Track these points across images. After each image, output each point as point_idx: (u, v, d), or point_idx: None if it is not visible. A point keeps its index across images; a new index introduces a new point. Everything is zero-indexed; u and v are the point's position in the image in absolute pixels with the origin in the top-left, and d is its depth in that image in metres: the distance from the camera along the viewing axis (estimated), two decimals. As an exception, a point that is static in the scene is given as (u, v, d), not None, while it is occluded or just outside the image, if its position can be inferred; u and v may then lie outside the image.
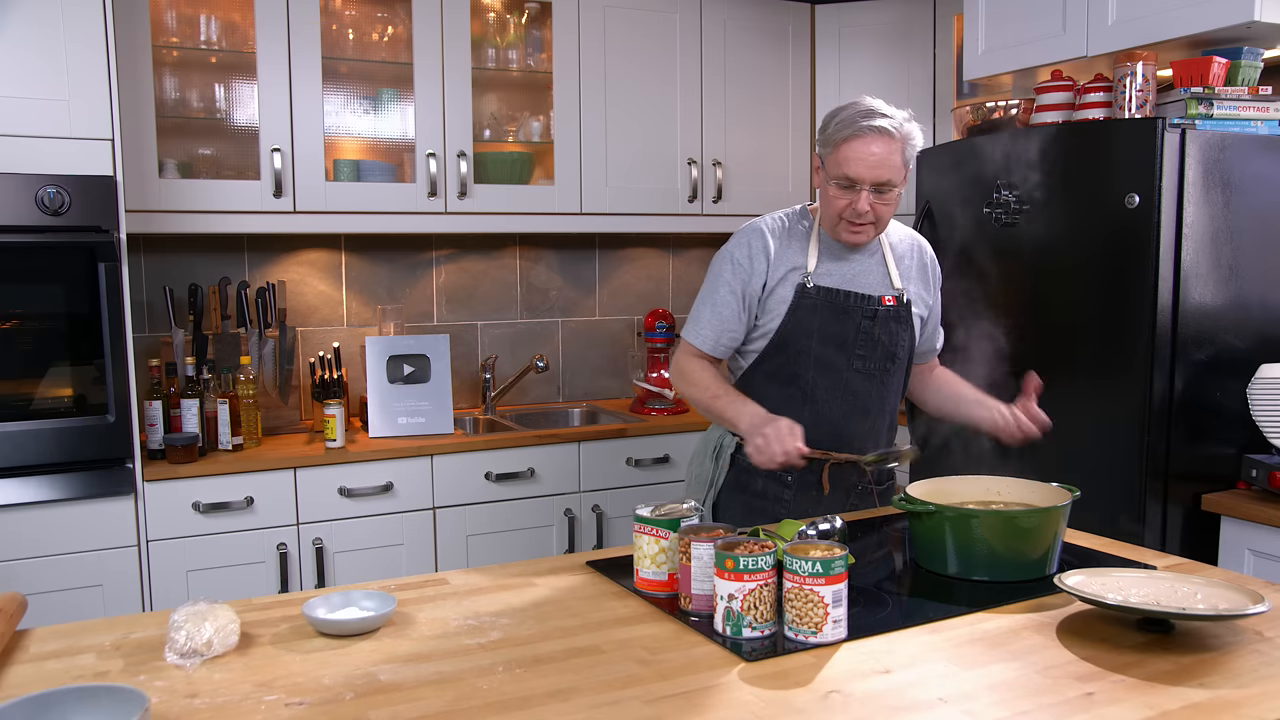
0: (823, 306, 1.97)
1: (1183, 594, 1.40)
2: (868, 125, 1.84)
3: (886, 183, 1.87)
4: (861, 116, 1.86)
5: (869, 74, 3.65)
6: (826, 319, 1.97)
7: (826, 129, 1.92)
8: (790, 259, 1.99)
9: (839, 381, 1.99)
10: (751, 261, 1.98)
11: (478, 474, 3.00)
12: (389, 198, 3.10)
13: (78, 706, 1.07)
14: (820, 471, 1.96)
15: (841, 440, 1.99)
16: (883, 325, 2.00)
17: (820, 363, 1.97)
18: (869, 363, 2.00)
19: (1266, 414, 2.38)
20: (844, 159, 1.87)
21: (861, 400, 2.01)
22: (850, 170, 1.86)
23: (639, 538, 1.54)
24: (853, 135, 1.85)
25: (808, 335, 1.97)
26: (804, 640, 1.33)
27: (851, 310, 1.98)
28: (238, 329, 3.14)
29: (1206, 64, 2.44)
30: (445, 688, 1.21)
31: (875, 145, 1.85)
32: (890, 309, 2.01)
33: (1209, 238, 2.37)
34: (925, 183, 2.98)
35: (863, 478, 2.05)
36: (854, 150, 1.85)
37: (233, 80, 3.04)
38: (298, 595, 1.55)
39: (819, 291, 1.97)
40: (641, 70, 3.40)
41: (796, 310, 1.96)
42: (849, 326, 1.98)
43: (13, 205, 2.38)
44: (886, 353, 2.01)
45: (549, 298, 3.73)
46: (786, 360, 1.99)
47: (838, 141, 1.87)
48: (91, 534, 2.53)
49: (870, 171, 1.85)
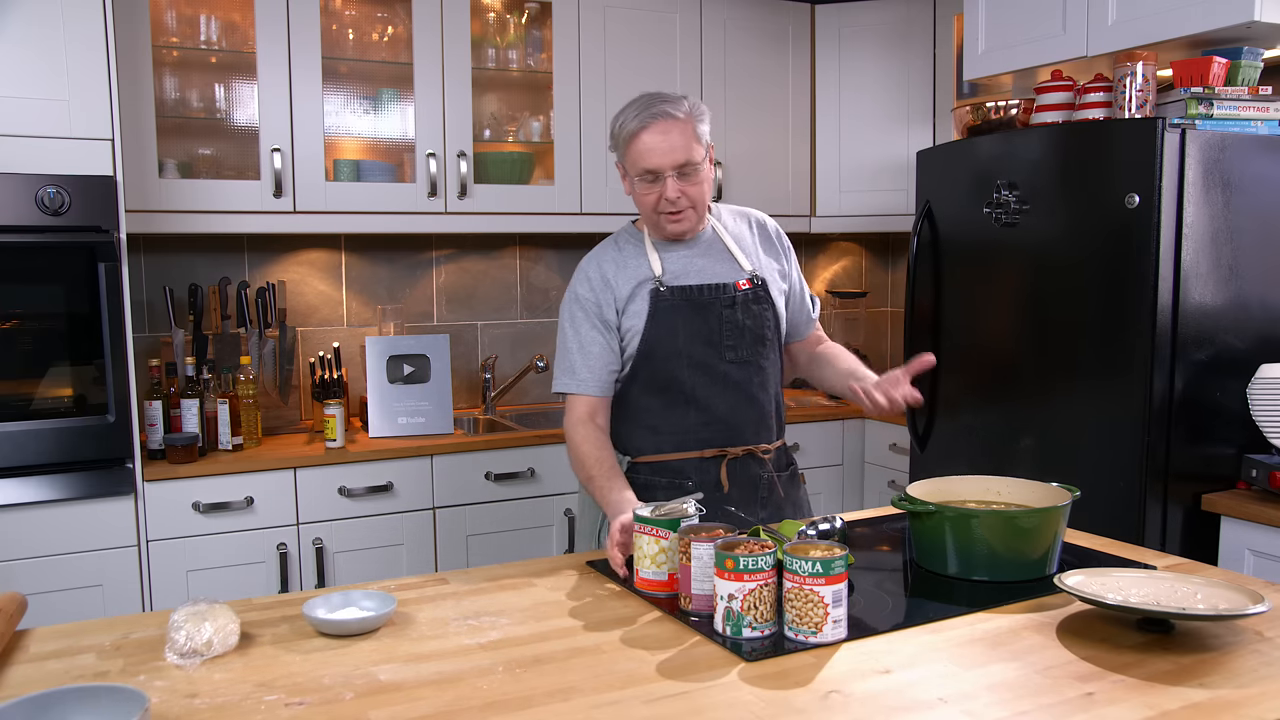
0: (680, 305, 1.94)
1: (1183, 594, 1.40)
2: (650, 114, 1.84)
3: (686, 163, 1.85)
4: (642, 108, 1.85)
5: (869, 74, 3.65)
6: (688, 317, 1.94)
7: (615, 132, 1.91)
8: (633, 273, 1.96)
9: (716, 376, 1.95)
10: (595, 293, 1.95)
11: (478, 474, 3.00)
12: (389, 198, 3.10)
13: (78, 706, 1.07)
14: (717, 472, 1.96)
15: (735, 433, 1.97)
16: (744, 310, 1.96)
17: (693, 361, 1.94)
18: (740, 351, 1.96)
19: (1266, 414, 2.38)
20: (638, 153, 1.86)
21: (743, 390, 1.97)
22: (647, 162, 1.85)
23: (639, 538, 1.54)
24: (639, 128, 1.85)
25: (673, 337, 1.93)
26: (804, 640, 1.33)
27: (709, 303, 1.94)
28: (238, 329, 3.14)
29: (1206, 64, 2.45)
30: (445, 688, 1.21)
31: (663, 131, 1.84)
32: (747, 292, 1.97)
33: (1209, 238, 2.37)
34: (925, 183, 2.98)
35: (762, 466, 2.01)
36: (645, 142, 1.85)
37: (233, 80, 3.04)
38: (298, 595, 1.55)
39: (673, 291, 1.94)
40: (641, 70, 3.40)
41: (655, 314, 1.93)
42: (711, 319, 1.95)
43: (13, 205, 2.38)
44: (755, 337, 1.97)
45: (549, 298, 3.73)
46: (658, 366, 1.94)
47: (628, 138, 1.86)
48: (91, 534, 2.53)
49: (666, 157, 1.85)
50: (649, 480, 1.96)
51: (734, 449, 1.96)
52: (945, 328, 2.93)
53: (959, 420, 2.89)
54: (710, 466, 1.96)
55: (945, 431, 2.97)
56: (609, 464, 1.88)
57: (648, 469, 1.97)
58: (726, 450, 1.96)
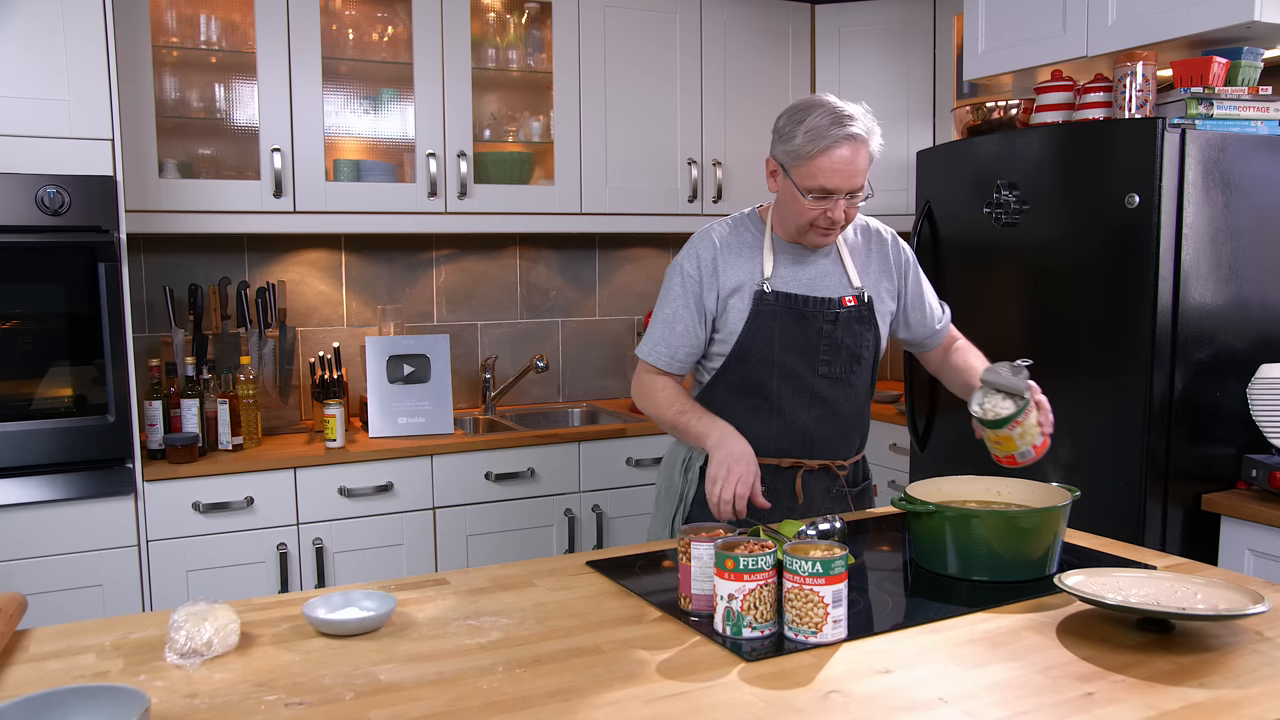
0: (782, 313, 1.91)
1: (1183, 594, 1.40)
2: (841, 134, 1.77)
3: (860, 187, 1.82)
4: (833, 125, 1.77)
5: (869, 74, 3.65)
6: (787, 325, 1.91)
7: (793, 139, 1.81)
8: (743, 266, 1.93)
9: (805, 389, 1.93)
10: (701, 272, 1.92)
11: (478, 474, 3.00)
12: (389, 198, 3.10)
13: (78, 706, 1.07)
14: (793, 481, 1.95)
15: (813, 447, 1.95)
16: (845, 328, 1.93)
17: (784, 371, 1.91)
18: (834, 367, 1.94)
19: (1266, 414, 2.38)
20: (819, 171, 1.79)
21: (830, 405, 1.96)
22: (827, 182, 1.79)
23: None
24: (829, 146, 1.77)
25: (769, 343, 1.91)
26: (804, 640, 1.33)
27: (812, 315, 1.91)
28: (238, 329, 3.14)
29: (1206, 64, 2.44)
30: (445, 688, 1.21)
31: (849, 153, 1.78)
32: (852, 310, 1.94)
33: (1209, 238, 2.37)
34: (925, 183, 2.98)
35: (835, 481, 2.00)
36: (830, 162, 1.78)
37: (233, 80, 3.04)
38: (298, 595, 1.55)
39: (778, 298, 1.91)
40: (641, 70, 3.40)
41: (756, 318, 1.91)
42: (810, 332, 1.92)
43: (13, 205, 2.38)
44: (851, 355, 1.95)
45: (549, 298, 3.73)
46: (749, 371, 1.93)
47: (811, 154, 1.78)
48: (91, 534, 2.53)
49: (847, 181, 1.80)
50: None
51: (811, 462, 1.94)
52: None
53: (959, 420, 2.89)
54: (786, 475, 1.95)
55: (945, 431, 2.97)
56: (693, 401, 1.89)
57: None
58: (803, 462, 1.93)
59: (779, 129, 1.86)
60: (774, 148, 1.89)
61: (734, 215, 2.03)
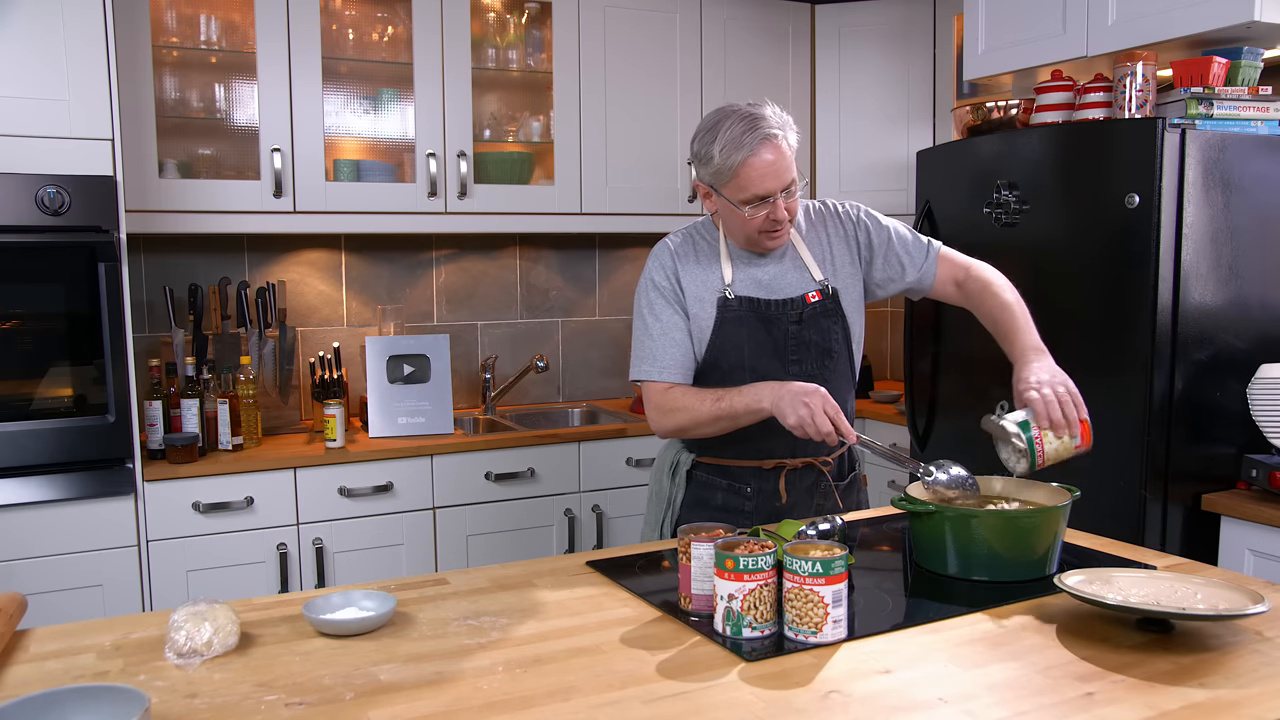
0: (748, 317, 1.90)
1: (1183, 594, 1.40)
2: (757, 138, 1.76)
3: (792, 181, 1.81)
4: (746, 133, 1.76)
5: (869, 74, 3.65)
6: (754, 329, 1.90)
7: (712, 159, 1.79)
8: (701, 276, 1.92)
9: None
10: (670, 281, 1.92)
11: (478, 474, 3.00)
12: (389, 198, 3.10)
13: (78, 706, 1.07)
14: (776, 481, 1.95)
15: (795, 445, 1.93)
16: (811, 325, 1.93)
17: (757, 374, 1.89)
18: (805, 365, 1.93)
19: (1266, 414, 2.38)
20: (748, 181, 1.78)
21: None
22: (759, 189, 1.78)
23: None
24: (749, 156, 1.76)
25: (738, 349, 1.90)
26: (804, 640, 1.33)
27: (776, 318, 1.91)
28: (238, 329, 3.14)
29: (1206, 64, 2.45)
30: (445, 688, 1.21)
31: (772, 155, 1.77)
32: (816, 305, 1.93)
33: (1209, 238, 2.37)
34: (925, 183, 2.98)
35: (821, 477, 1.99)
36: (756, 170, 1.76)
37: (233, 80, 3.04)
38: (298, 595, 1.55)
39: (741, 303, 1.90)
40: (641, 70, 3.40)
41: (722, 325, 1.90)
42: (777, 334, 1.91)
43: (13, 205, 2.38)
44: (820, 351, 1.94)
45: (549, 298, 3.73)
46: (723, 377, 1.91)
47: (734, 166, 1.77)
48: (91, 534, 2.53)
49: (778, 181, 1.79)
50: (709, 480, 1.98)
51: (793, 460, 1.94)
52: (945, 327, 2.93)
53: (959, 420, 2.89)
54: (770, 476, 1.95)
55: (945, 431, 2.97)
56: (721, 389, 1.84)
57: (708, 469, 1.98)
58: (785, 462, 1.94)
59: (696, 153, 1.85)
60: (697, 172, 1.87)
61: (684, 227, 2.02)
